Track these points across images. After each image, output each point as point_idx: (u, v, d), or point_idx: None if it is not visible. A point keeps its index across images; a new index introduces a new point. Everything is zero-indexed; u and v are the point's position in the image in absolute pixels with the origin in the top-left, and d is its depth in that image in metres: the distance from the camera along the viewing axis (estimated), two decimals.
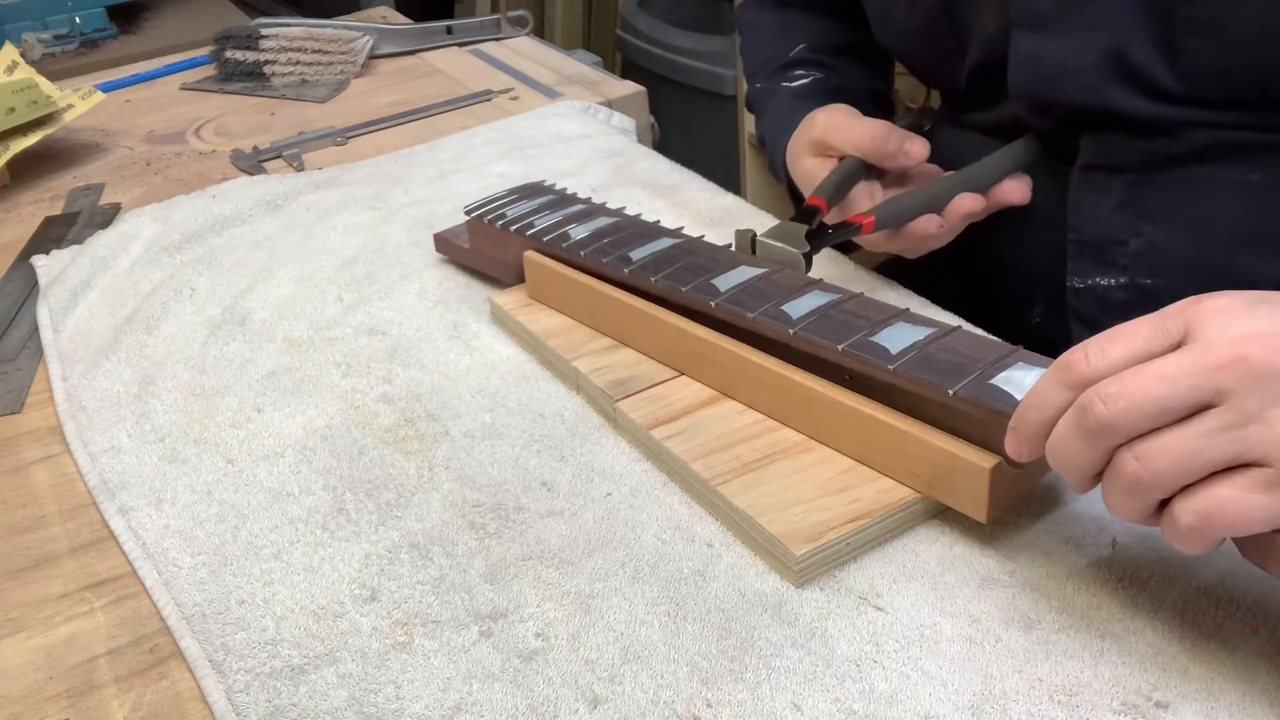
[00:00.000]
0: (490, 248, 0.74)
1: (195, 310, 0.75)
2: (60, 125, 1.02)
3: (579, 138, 0.96)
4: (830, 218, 0.66)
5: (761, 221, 0.80)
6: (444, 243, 0.78)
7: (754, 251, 0.63)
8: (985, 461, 0.48)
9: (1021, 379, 0.48)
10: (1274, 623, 0.45)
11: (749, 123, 1.85)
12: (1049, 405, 0.43)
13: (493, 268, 0.75)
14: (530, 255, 0.70)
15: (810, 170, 0.70)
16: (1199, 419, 0.38)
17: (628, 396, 0.60)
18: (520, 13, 1.27)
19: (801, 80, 0.81)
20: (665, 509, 0.55)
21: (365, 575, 0.53)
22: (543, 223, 0.71)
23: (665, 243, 0.65)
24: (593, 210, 0.72)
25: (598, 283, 0.66)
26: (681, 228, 0.68)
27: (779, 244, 0.62)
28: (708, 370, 0.60)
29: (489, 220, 0.73)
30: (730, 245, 0.65)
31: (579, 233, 0.68)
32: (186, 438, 0.63)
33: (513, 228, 0.71)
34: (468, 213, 0.75)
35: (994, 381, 0.48)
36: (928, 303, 0.69)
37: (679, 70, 2.03)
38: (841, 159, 0.69)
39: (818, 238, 0.62)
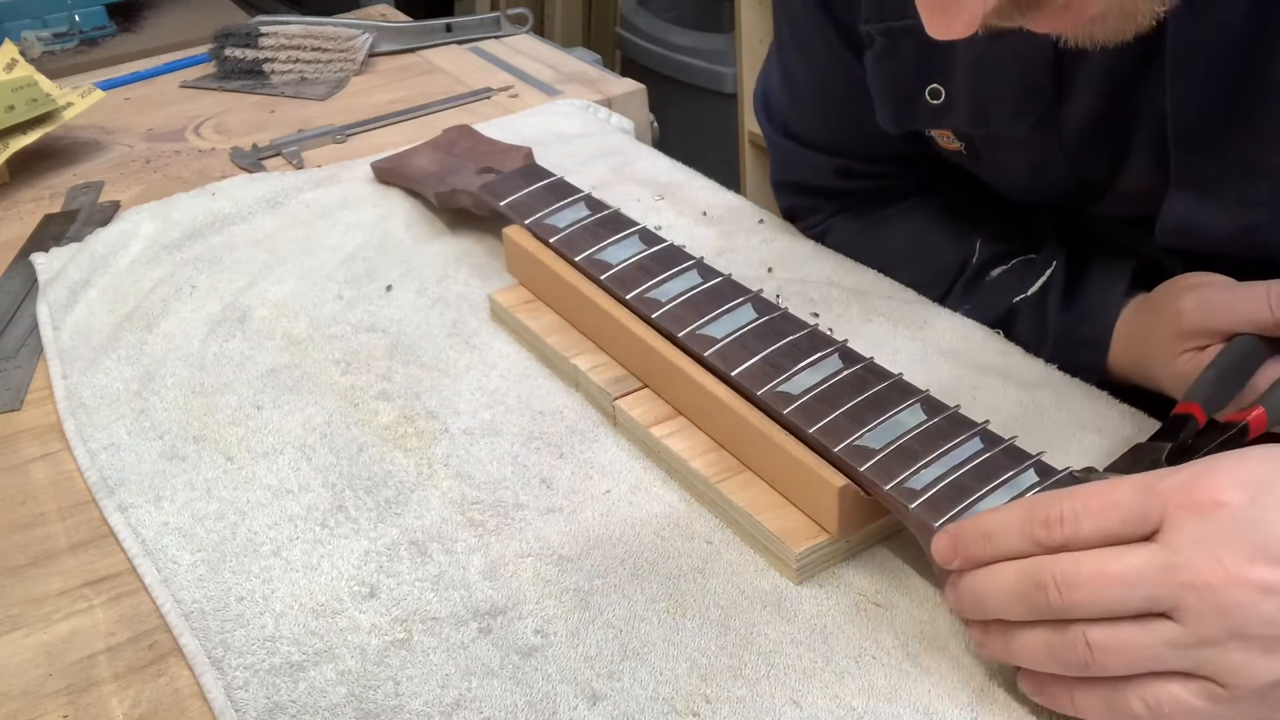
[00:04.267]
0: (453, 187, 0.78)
1: (195, 308, 0.75)
2: (59, 123, 1.01)
3: (579, 136, 0.96)
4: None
5: (765, 219, 0.80)
6: (382, 172, 0.85)
7: None
8: (836, 480, 0.49)
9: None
10: None
11: (749, 121, 1.85)
12: (1004, 547, 0.42)
13: (433, 193, 0.80)
14: (510, 233, 0.71)
15: (1185, 372, 0.56)
16: (1155, 627, 0.38)
17: (627, 394, 0.60)
18: (520, 10, 1.26)
19: (1033, 280, 0.68)
20: (664, 506, 0.55)
21: (364, 572, 0.53)
22: (596, 249, 0.66)
23: (749, 314, 0.59)
24: (655, 240, 0.66)
25: (572, 274, 0.65)
26: (704, 260, 0.63)
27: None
28: (655, 380, 0.61)
29: (534, 231, 0.69)
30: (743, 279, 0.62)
31: (662, 292, 0.62)
32: (186, 435, 0.63)
33: (553, 238, 0.68)
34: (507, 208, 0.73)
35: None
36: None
37: (679, 68, 2.03)
38: (1228, 340, 0.55)
39: (1185, 458, 0.47)
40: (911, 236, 0.75)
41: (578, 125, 0.98)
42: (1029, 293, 0.68)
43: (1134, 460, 0.51)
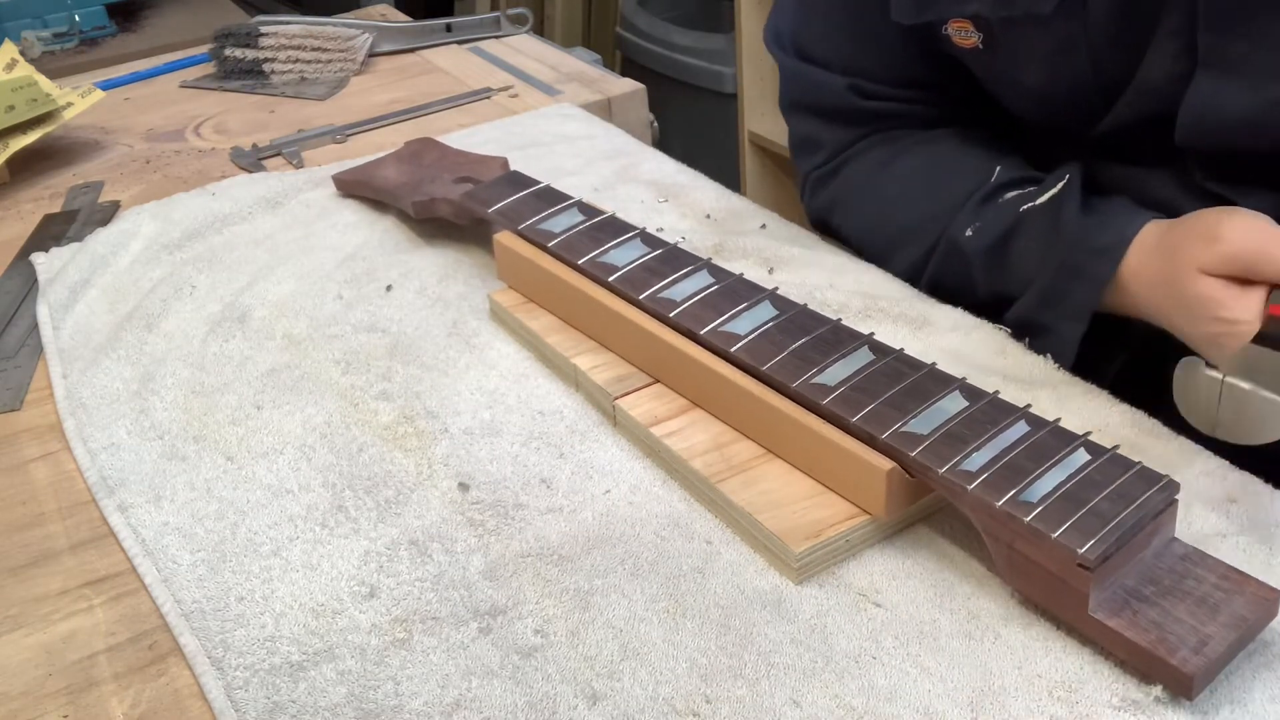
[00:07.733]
0: (432, 196, 0.77)
1: (195, 308, 0.75)
2: (59, 123, 1.02)
3: (583, 137, 0.96)
4: None
5: (768, 220, 0.80)
6: (346, 184, 0.85)
7: (1220, 399, 0.49)
8: (884, 464, 0.49)
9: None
10: None
11: (749, 120, 1.85)
12: None
13: (410, 203, 0.79)
14: (501, 239, 0.70)
15: (1204, 293, 0.54)
16: None
17: (627, 394, 0.60)
18: (520, 10, 1.27)
19: (1045, 192, 0.66)
20: (665, 506, 0.55)
21: (364, 572, 0.53)
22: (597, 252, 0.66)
23: (768, 311, 0.59)
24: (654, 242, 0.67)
25: (573, 277, 0.65)
26: (712, 261, 0.65)
27: (1265, 392, 0.46)
28: (671, 376, 0.61)
29: (529, 237, 0.70)
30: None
31: (675, 292, 0.62)
32: (186, 435, 0.63)
33: (550, 243, 0.68)
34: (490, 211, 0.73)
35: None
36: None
37: (678, 68, 2.03)
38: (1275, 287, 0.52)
39: None
40: (929, 163, 0.74)
41: (581, 127, 0.98)
42: (1038, 201, 0.66)
43: (1249, 365, 0.48)
